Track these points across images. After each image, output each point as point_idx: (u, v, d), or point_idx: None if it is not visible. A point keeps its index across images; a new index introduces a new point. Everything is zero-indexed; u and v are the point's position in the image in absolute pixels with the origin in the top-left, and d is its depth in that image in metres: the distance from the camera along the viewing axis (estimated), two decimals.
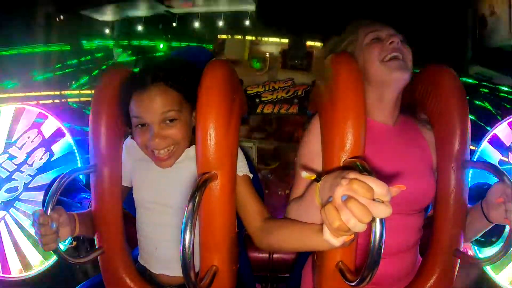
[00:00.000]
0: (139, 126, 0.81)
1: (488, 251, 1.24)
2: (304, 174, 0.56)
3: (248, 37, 3.40)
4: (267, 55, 3.24)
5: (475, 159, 1.33)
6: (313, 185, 0.63)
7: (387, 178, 0.74)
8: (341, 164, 0.68)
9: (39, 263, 1.45)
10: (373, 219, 0.46)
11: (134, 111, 0.80)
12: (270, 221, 0.78)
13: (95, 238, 0.85)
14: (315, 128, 0.80)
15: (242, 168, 0.83)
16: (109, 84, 0.84)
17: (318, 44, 3.26)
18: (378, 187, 0.44)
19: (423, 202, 0.85)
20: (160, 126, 0.79)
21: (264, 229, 0.77)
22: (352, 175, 0.45)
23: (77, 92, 3.80)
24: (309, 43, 3.26)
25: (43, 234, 0.70)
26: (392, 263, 0.81)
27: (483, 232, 0.86)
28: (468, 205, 0.85)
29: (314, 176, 0.57)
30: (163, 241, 0.86)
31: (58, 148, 1.41)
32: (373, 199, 0.44)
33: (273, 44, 3.31)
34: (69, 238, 1.00)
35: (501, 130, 1.32)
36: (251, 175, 0.84)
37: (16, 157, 1.40)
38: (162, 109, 0.78)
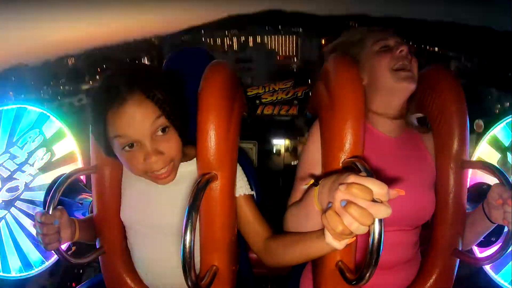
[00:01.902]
0: (127, 148, 0.68)
1: (488, 251, 1.24)
2: (305, 187, 0.56)
3: None
4: None
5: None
6: (311, 190, 0.63)
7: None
8: (340, 164, 0.68)
9: (39, 262, 1.46)
10: None
11: (115, 130, 0.66)
12: (272, 241, 0.76)
13: (97, 242, 0.85)
14: (315, 137, 0.80)
15: (242, 188, 0.80)
16: None
17: None
18: (377, 188, 0.44)
19: (423, 219, 0.85)
20: (153, 139, 0.68)
21: (267, 250, 0.76)
22: (350, 179, 0.45)
23: None
24: None
25: (45, 233, 0.70)
26: (386, 279, 0.81)
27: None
28: (469, 207, 0.85)
29: (312, 181, 0.58)
30: (155, 268, 0.82)
31: (59, 148, 1.41)
32: (373, 200, 0.44)
33: None
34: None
35: (500, 130, 1.32)
36: (252, 193, 0.82)
37: (18, 156, 1.41)
38: (150, 118, 0.66)
